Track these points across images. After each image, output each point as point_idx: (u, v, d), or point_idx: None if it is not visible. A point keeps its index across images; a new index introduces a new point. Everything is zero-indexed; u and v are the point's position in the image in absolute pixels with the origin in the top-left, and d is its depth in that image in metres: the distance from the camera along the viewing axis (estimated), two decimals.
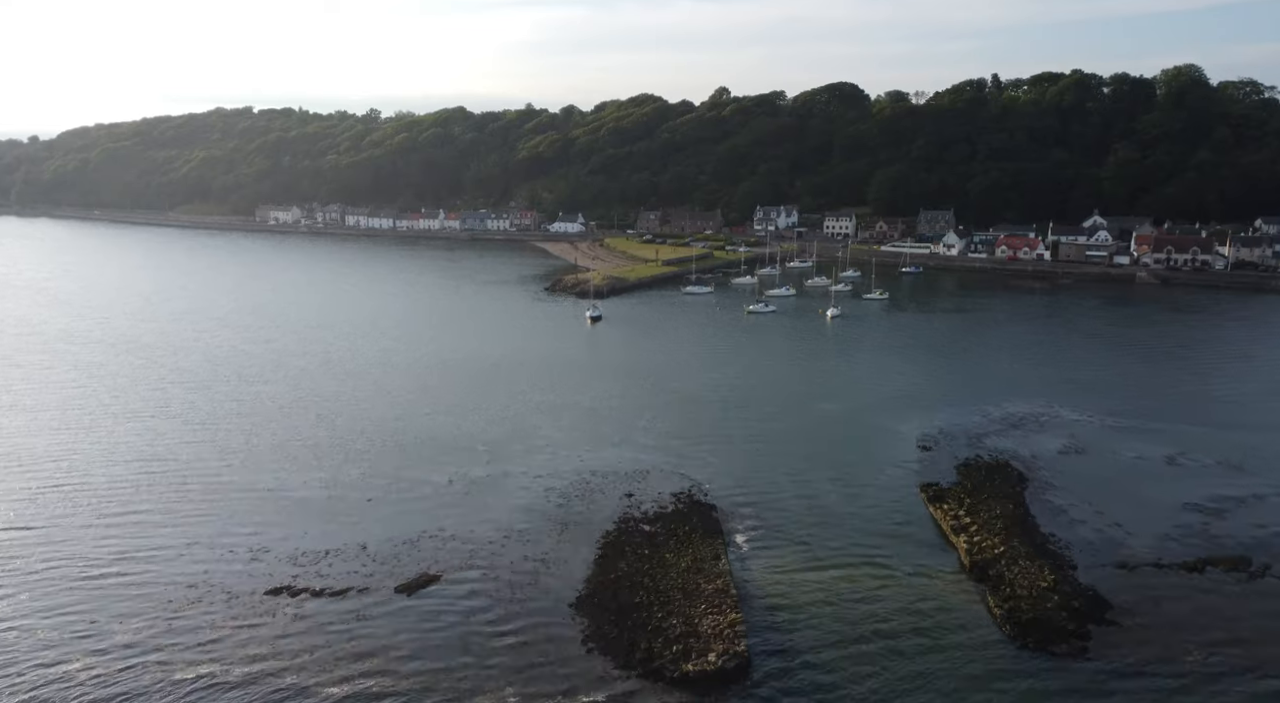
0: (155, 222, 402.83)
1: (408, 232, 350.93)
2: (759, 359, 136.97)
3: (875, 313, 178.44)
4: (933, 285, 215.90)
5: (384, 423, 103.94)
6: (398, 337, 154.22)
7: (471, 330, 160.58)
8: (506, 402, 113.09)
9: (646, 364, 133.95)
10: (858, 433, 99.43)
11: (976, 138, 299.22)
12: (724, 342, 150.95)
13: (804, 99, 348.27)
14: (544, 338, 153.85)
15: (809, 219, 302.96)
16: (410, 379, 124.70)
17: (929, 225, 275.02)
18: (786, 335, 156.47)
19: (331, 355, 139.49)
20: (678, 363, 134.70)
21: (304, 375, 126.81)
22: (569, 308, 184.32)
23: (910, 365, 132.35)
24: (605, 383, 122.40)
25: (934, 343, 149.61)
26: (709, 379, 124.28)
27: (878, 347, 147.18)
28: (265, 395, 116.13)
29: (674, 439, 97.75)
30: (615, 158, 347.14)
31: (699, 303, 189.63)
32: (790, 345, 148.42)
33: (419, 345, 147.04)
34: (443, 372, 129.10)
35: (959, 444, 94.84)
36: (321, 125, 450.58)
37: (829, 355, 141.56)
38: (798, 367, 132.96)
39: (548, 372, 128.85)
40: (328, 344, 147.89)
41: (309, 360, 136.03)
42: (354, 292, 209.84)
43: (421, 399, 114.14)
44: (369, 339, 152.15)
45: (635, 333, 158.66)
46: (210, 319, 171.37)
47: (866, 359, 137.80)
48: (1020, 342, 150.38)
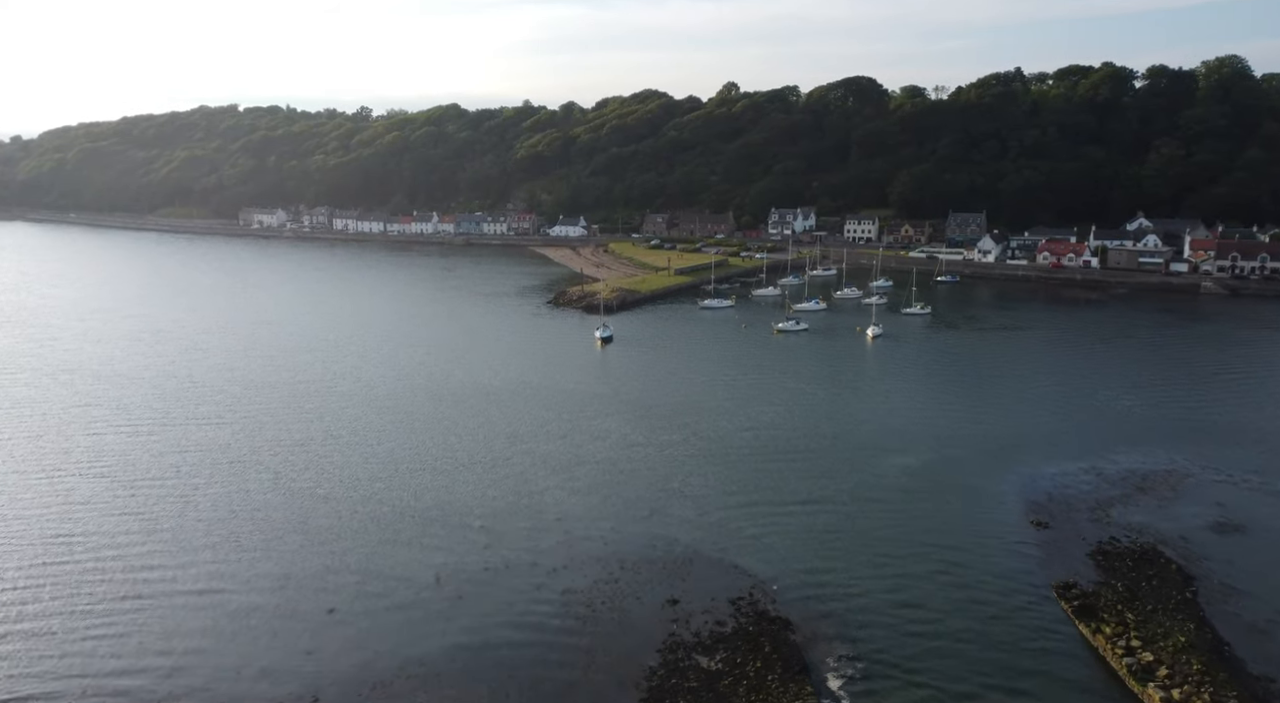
0: (133, 225, 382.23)
1: (399, 236, 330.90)
2: (800, 391, 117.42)
3: (919, 331, 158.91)
4: (974, 297, 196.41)
5: (357, 485, 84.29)
6: (381, 362, 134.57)
7: (466, 353, 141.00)
8: (507, 452, 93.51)
9: (668, 398, 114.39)
10: (947, 499, 79.87)
11: (1007, 135, 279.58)
12: (754, 368, 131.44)
13: (818, 94, 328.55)
14: (548, 363, 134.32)
15: (827, 222, 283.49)
16: (393, 420, 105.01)
17: (959, 228, 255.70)
18: (825, 360, 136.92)
19: (304, 387, 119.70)
20: (705, 397, 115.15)
21: (268, 416, 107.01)
22: (575, 325, 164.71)
23: (982, 401, 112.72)
24: (623, 425, 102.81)
25: (1000, 369, 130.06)
26: (746, 419, 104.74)
27: (935, 374, 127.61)
28: (217, 444, 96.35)
29: (717, 508, 78.22)
30: (619, 157, 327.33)
31: (719, 319, 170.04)
32: (831, 372, 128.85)
33: (406, 373, 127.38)
34: (432, 408, 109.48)
35: (1080, 518, 75.26)
36: (309, 124, 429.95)
37: (880, 386, 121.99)
38: (847, 401, 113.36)
39: (554, 408, 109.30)
40: (301, 372, 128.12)
41: (276, 395, 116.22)
42: (337, 306, 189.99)
43: (405, 448, 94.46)
44: (349, 365, 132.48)
45: (651, 357, 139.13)
46: (171, 340, 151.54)
47: (926, 391, 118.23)
48: (1102, 369, 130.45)
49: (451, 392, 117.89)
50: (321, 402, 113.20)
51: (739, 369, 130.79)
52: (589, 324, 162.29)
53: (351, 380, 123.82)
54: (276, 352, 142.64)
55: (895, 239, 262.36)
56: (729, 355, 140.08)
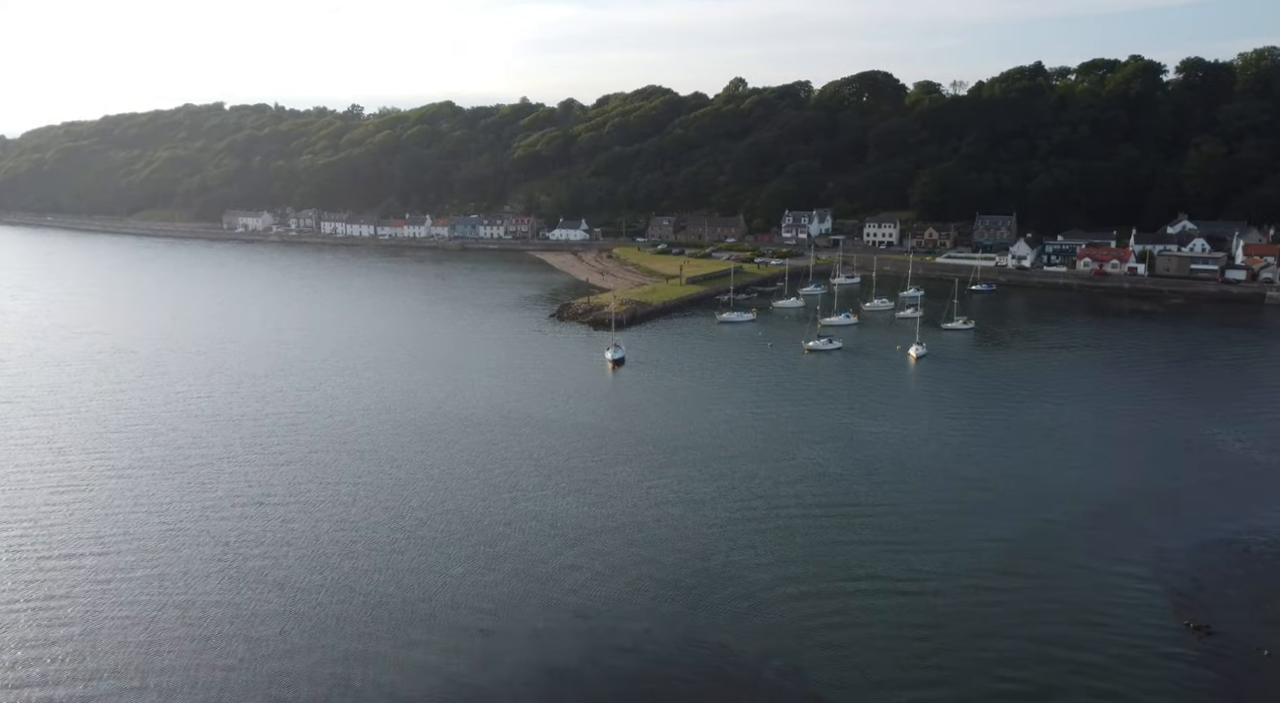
0: (112, 229, 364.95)
1: (390, 240, 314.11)
2: (846, 427, 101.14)
3: (965, 349, 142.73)
4: (1014, 308, 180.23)
5: (324, 564, 67.87)
6: (363, 390, 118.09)
7: (460, 379, 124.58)
8: (508, 512, 77.20)
9: (694, 436, 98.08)
10: (1064, 585, 63.54)
11: (1035, 132, 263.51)
12: (788, 396, 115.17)
13: (831, 90, 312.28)
14: (553, 391, 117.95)
15: (844, 225, 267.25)
16: (372, 469, 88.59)
17: (988, 232, 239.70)
18: (866, 386, 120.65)
19: (271, 423, 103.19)
20: (737, 434, 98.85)
21: (224, 463, 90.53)
22: (581, 343, 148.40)
23: (1066, 441, 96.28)
24: (644, 472, 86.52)
25: (1072, 397, 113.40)
26: (789, 464, 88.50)
27: (998, 405, 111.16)
28: (158, 504, 79.86)
29: (774, 598, 62.01)
30: (622, 157, 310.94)
31: (740, 335, 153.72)
32: (877, 402, 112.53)
33: (390, 404, 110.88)
34: (419, 451, 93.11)
35: (1245, 617, 58.97)
36: (297, 123, 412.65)
37: (939, 420, 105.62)
38: (904, 440, 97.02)
39: (562, 451, 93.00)
40: (270, 403, 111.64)
41: (237, 435, 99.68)
42: (320, 321, 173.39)
43: (385, 510, 78.04)
44: (325, 393, 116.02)
45: (669, 382, 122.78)
46: (131, 362, 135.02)
47: (994, 427, 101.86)
48: (1191, 397, 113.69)
49: (442, 429, 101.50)
50: (289, 443, 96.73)
51: (771, 397, 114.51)
52: (597, 342, 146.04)
53: (327, 415, 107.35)
54: (245, 377, 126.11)
55: (918, 243, 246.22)
56: (757, 380, 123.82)
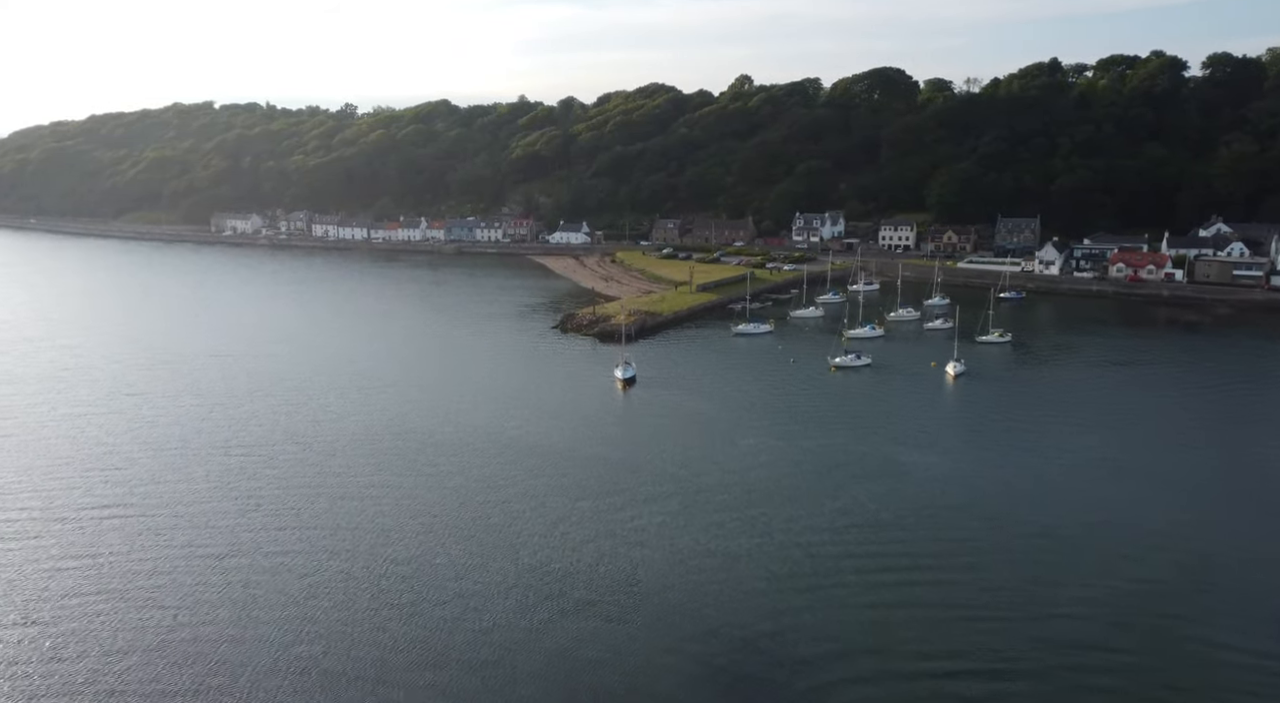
0: (97, 231, 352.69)
1: (384, 244, 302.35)
2: (893, 461, 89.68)
3: (1006, 366, 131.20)
4: (1048, 318, 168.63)
5: (286, 665, 56.35)
6: (347, 414, 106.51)
7: (456, 399, 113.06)
8: (509, 577, 65.76)
9: (721, 473, 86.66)
10: (1185, 670, 52.23)
11: (1057, 130, 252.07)
12: (819, 421, 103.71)
13: (842, 87, 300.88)
14: (558, 413, 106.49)
15: (858, 228, 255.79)
16: (349, 518, 77.06)
17: (1011, 235, 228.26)
18: (904, 410, 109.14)
19: (240, 458, 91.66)
20: (769, 469, 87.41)
21: (182, 507, 79.02)
22: (587, 358, 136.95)
23: (1147, 479, 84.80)
24: (668, 521, 75.09)
25: (1138, 423, 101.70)
26: (835, 508, 77.11)
27: (1057, 433, 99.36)
28: (96, 565, 68.27)
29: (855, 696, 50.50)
30: (624, 157, 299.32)
31: (758, 349, 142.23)
32: (920, 430, 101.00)
33: (376, 433, 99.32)
34: (407, 492, 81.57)
35: None
36: (289, 122, 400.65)
37: (993, 453, 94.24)
38: (962, 480, 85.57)
39: (570, 491, 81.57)
40: (243, 431, 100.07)
41: (201, 471, 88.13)
42: (306, 332, 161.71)
43: (361, 581, 66.52)
44: (305, 419, 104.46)
45: (687, 405, 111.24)
46: (96, 381, 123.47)
47: (1056, 461, 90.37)
48: None
49: (434, 461, 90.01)
50: (260, 482, 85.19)
51: (799, 423, 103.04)
52: (604, 358, 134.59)
53: (305, 445, 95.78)
54: (220, 399, 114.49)
55: (937, 247, 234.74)
56: (782, 402, 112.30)
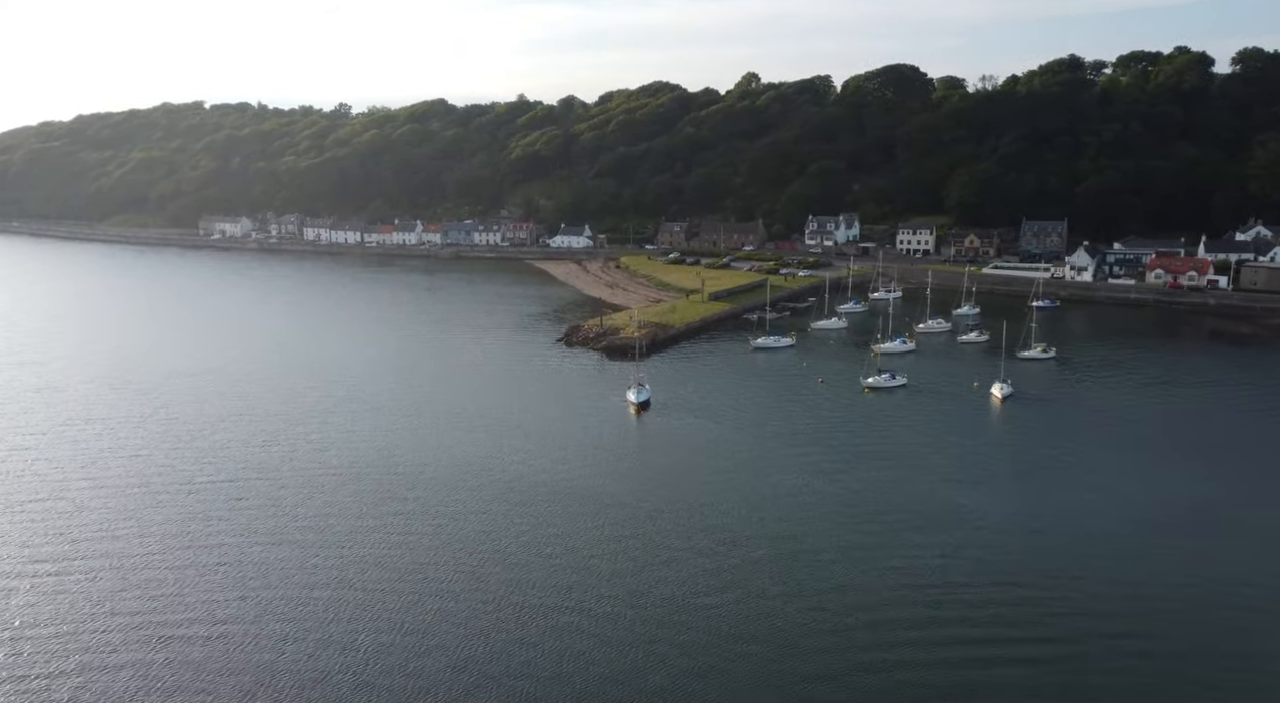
0: (81, 235, 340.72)
1: (378, 248, 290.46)
2: (948, 502, 78.15)
3: (1054, 386, 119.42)
4: (1087, 330, 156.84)
5: None
6: (333, 442, 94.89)
7: (450, 425, 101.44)
8: (508, 659, 54.14)
9: (758, 518, 75.21)
10: None
11: (1082, 129, 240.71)
12: (861, 454, 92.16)
13: (855, 85, 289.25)
14: (565, 443, 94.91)
15: (873, 231, 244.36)
16: (328, 564, 65.46)
17: (1036, 239, 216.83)
18: (952, 439, 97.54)
19: (208, 497, 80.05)
20: (812, 517, 75.89)
21: (135, 562, 67.46)
22: (595, 376, 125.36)
23: (1257, 531, 73.38)
24: (702, 582, 63.51)
25: (1224, 456, 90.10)
26: (899, 570, 65.77)
27: (1136, 469, 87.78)
28: (34, 630, 56.65)
29: None
30: (627, 157, 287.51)
31: (780, 366, 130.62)
32: (977, 465, 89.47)
33: (363, 463, 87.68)
34: (393, 540, 70.00)
35: None
36: (280, 122, 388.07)
37: (1068, 493, 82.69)
38: (1039, 530, 74.00)
39: (582, 543, 70.06)
40: (214, 465, 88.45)
41: (163, 517, 76.58)
42: (289, 346, 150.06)
43: (326, 664, 54.89)
44: (285, 449, 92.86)
45: (709, 433, 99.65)
46: (51, 403, 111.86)
47: (1141, 505, 78.76)
48: None
49: (426, 504, 78.42)
50: (220, 531, 73.57)
51: (837, 455, 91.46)
52: (613, 376, 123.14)
53: (280, 483, 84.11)
54: (189, 425, 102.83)
55: (958, 252, 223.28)
56: (814, 429, 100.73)
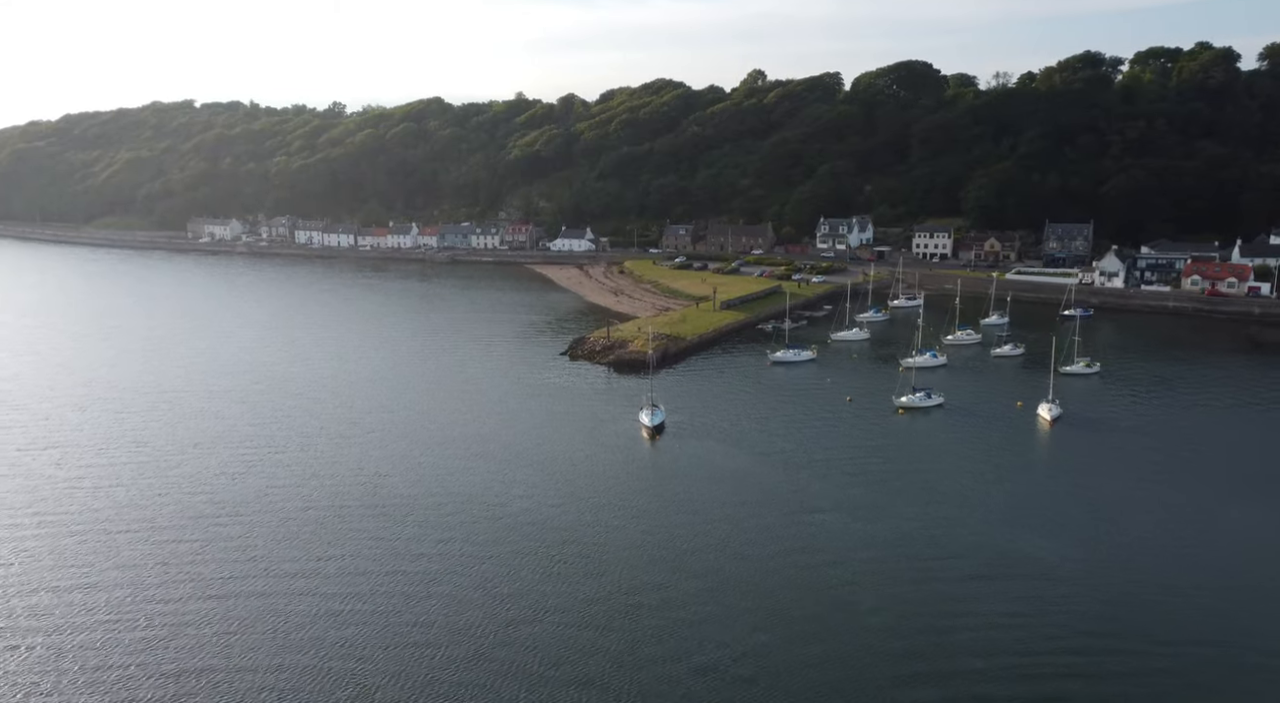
0: (66, 238, 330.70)
1: (372, 252, 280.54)
2: (1018, 552, 68.44)
3: (1106, 405, 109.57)
4: (1128, 341, 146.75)
5: None
6: (314, 472, 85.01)
7: (444, 452, 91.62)
8: None
9: (798, 568, 65.51)
10: None
11: (1105, 127, 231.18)
12: (901, 487, 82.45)
13: (866, 81, 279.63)
14: (571, 474, 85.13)
15: (887, 234, 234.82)
16: (297, 641, 55.56)
17: (1060, 243, 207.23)
18: (1008, 472, 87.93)
19: (169, 540, 70.13)
20: (860, 574, 66.22)
21: (78, 621, 57.52)
22: (604, 394, 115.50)
23: None
24: (742, 663, 53.66)
25: None
26: (979, 637, 56.00)
27: (1223, 506, 78.20)
28: None
29: None
30: (631, 157, 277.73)
31: (802, 382, 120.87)
32: (1041, 502, 79.84)
33: (348, 496, 77.82)
34: (376, 596, 60.08)
35: None
36: (272, 121, 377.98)
37: (1156, 535, 72.95)
38: (1138, 590, 64.33)
39: (597, 609, 60.33)
40: (175, 503, 78.50)
41: (112, 564, 66.58)
42: (275, 361, 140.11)
43: None
44: (261, 480, 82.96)
45: (731, 462, 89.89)
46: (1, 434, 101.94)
47: (1243, 551, 69.14)
48: None
49: (416, 548, 68.66)
50: (180, 586, 63.61)
51: (877, 490, 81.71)
52: (623, 394, 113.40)
53: (249, 525, 74.18)
54: (153, 454, 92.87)
55: (978, 256, 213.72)
56: (847, 457, 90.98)
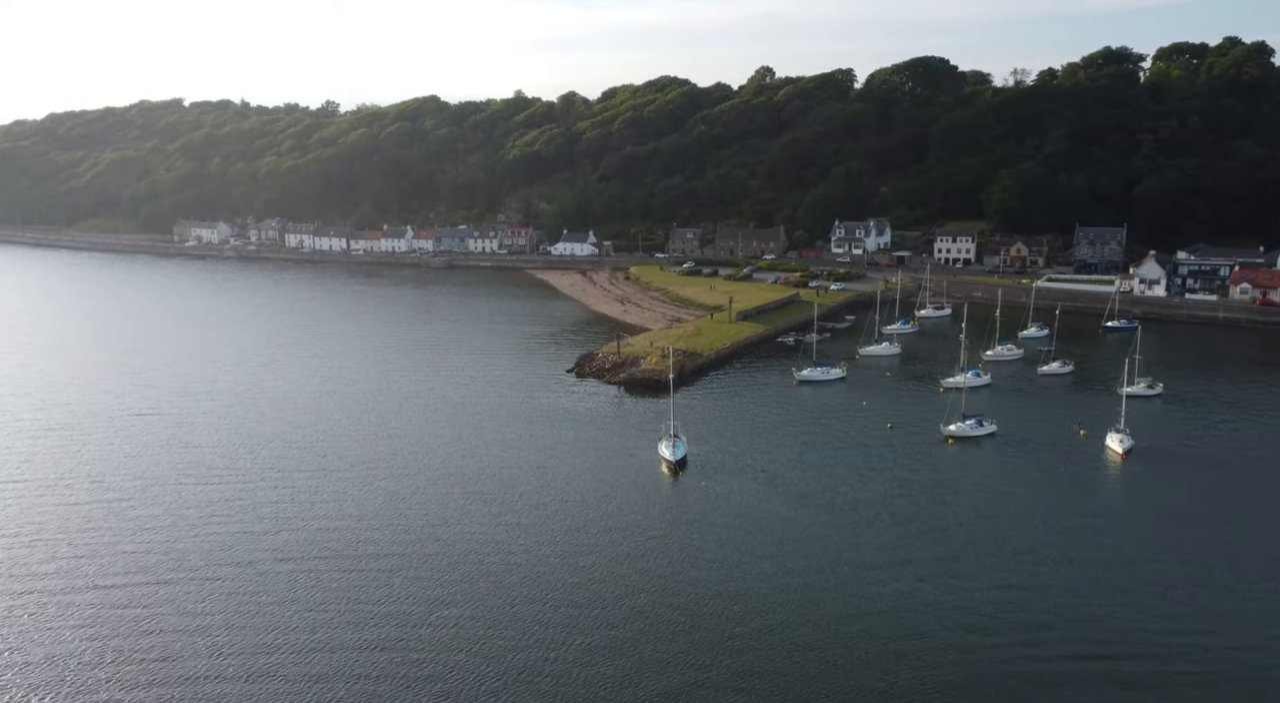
0: (47, 242, 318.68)
1: (365, 256, 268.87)
2: (1135, 630, 57.20)
3: (1182, 434, 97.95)
4: (1183, 356, 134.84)
5: None
6: (286, 518, 73.49)
7: (438, 491, 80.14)
8: None
9: (864, 666, 54.19)
10: None
11: (1134, 126, 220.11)
12: (970, 538, 71.19)
13: (881, 78, 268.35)
14: (583, 521, 73.72)
15: (906, 238, 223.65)
16: None
17: (1094, 247, 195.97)
18: (1088, 519, 76.61)
19: (116, 608, 58.60)
20: (945, 664, 54.90)
21: None
22: (616, 418, 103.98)
23: None
24: None
25: None
26: None
27: None
28: None
29: None
30: (635, 158, 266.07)
31: (833, 404, 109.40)
32: (1149, 566, 68.62)
33: (324, 555, 66.24)
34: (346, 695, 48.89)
35: None
36: (262, 120, 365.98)
37: None
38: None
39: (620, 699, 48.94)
40: (133, 555, 66.97)
41: (51, 633, 54.97)
42: (257, 379, 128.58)
43: None
44: (225, 523, 71.38)
45: (767, 508, 78.49)
46: None
47: None
48: None
49: (397, 611, 57.02)
50: (121, 664, 52.05)
51: (944, 545, 70.36)
52: (637, 418, 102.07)
53: (212, 582, 62.65)
54: (109, 490, 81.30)
55: (1004, 261, 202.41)
56: (900, 501, 79.58)
